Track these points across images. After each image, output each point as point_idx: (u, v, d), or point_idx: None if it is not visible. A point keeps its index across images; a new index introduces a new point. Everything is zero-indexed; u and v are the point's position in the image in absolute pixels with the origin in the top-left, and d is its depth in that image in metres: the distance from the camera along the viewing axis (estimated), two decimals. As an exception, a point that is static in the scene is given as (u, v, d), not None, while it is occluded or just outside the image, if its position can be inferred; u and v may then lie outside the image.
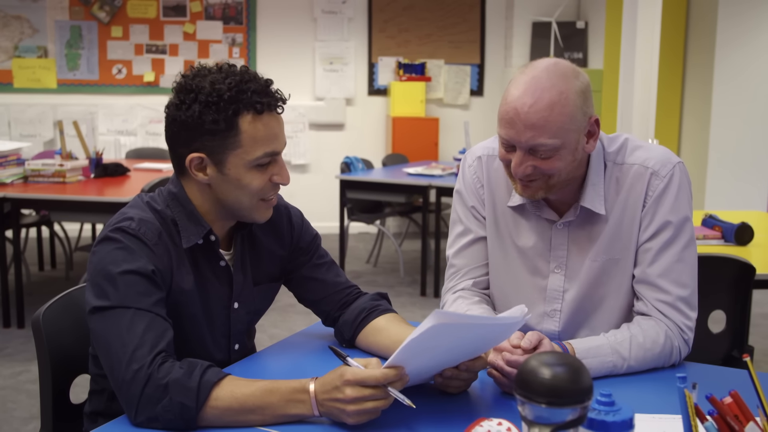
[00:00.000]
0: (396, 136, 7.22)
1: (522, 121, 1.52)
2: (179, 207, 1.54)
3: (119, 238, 1.45)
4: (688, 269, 1.66)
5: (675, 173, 1.66)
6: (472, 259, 1.83)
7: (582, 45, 7.43)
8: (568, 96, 1.53)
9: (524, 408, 0.97)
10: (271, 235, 1.70)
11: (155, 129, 7.30)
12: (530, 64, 1.60)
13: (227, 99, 1.44)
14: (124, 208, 1.54)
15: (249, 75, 1.49)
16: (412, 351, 1.28)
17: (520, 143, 1.55)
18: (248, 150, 1.47)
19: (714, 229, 3.06)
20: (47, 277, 5.74)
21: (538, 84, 1.53)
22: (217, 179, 1.50)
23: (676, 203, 1.65)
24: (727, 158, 6.12)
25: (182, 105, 1.47)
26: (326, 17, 7.50)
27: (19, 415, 3.33)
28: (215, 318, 1.61)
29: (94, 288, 1.42)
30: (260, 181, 1.50)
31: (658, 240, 1.66)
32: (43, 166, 4.56)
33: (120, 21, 7.23)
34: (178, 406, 1.29)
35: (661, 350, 1.61)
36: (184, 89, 1.47)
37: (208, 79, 1.46)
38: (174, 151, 1.54)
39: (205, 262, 1.57)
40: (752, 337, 4.03)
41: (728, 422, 1.01)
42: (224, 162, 1.48)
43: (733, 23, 6.01)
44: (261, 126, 1.47)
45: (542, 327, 1.77)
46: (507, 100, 1.56)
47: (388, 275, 5.97)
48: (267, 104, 1.48)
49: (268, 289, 1.73)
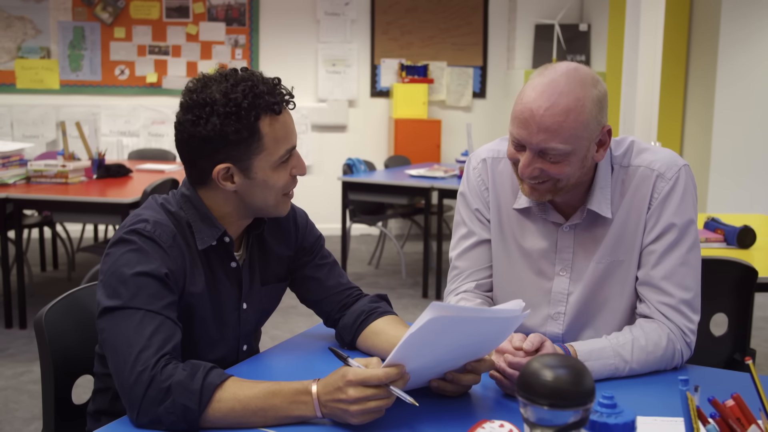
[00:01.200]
0: (398, 137, 7.22)
1: (536, 123, 1.52)
2: (192, 209, 1.55)
3: (134, 239, 1.45)
4: (692, 272, 1.66)
5: (681, 176, 1.66)
6: (475, 262, 1.83)
7: (585, 47, 7.42)
8: (584, 104, 1.52)
9: (526, 410, 0.97)
10: (278, 236, 1.72)
11: (158, 130, 7.31)
12: (551, 66, 1.59)
13: (246, 107, 1.45)
14: (138, 209, 1.55)
15: (257, 78, 1.50)
16: (411, 347, 1.27)
17: (531, 144, 1.55)
18: (271, 151, 1.49)
19: (716, 232, 3.06)
20: (49, 277, 5.74)
21: (556, 88, 1.52)
22: (245, 185, 1.52)
23: (681, 205, 1.65)
24: (730, 161, 6.12)
25: (199, 120, 1.46)
26: (329, 19, 7.51)
27: (22, 415, 3.34)
28: (226, 319, 1.61)
29: (107, 288, 1.43)
30: (284, 177, 1.54)
31: (662, 242, 1.65)
32: (46, 167, 4.56)
33: (123, 22, 7.24)
34: (181, 408, 1.29)
35: (663, 353, 1.61)
36: (196, 105, 1.46)
37: (218, 90, 1.46)
38: (193, 165, 1.53)
39: (217, 263, 1.58)
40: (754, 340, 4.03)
41: (730, 425, 1.01)
42: (251, 168, 1.50)
43: (735, 26, 6.01)
44: (279, 126, 1.50)
45: (546, 329, 1.77)
46: (523, 101, 1.55)
47: (390, 277, 5.97)
48: (280, 103, 1.50)
49: (275, 289, 1.74)
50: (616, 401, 0.98)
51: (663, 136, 6.40)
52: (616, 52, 6.55)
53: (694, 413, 0.98)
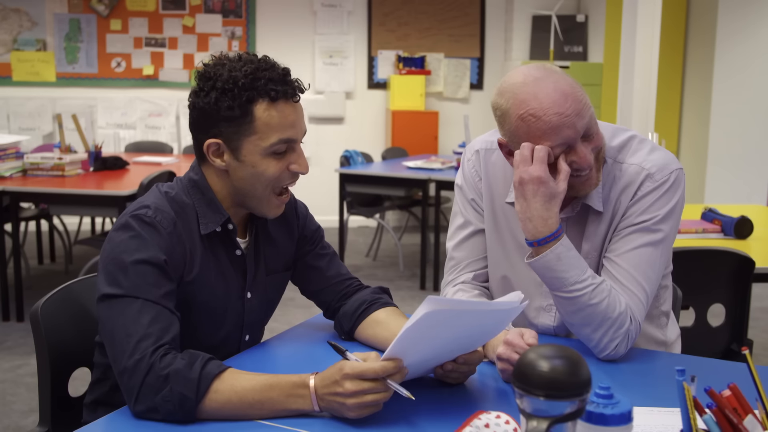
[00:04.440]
0: (395, 129, 7.22)
1: (569, 116, 1.53)
2: (199, 194, 1.56)
3: (134, 225, 1.46)
4: (650, 267, 1.64)
5: (671, 178, 1.65)
6: (472, 252, 1.83)
7: (582, 39, 7.41)
8: (571, 80, 1.57)
9: (522, 401, 0.96)
10: (282, 225, 1.72)
11: (154, 122, 7.29)
12: (526, 74, 1.57)
13: (242, 86, 1.47)
14: (141, 197, 1.56)
15: (267, 63, 1.52)
16: (408, 341, 1.27)
17: (578, 135, 1.55)
18: (262, 137, 1.49)
19: (713, 223, 3.06)
20: (46, 270, 5.74)
21: (549, 83, 1.54)
22: (234, 165, 1.53)
23: (660, 200, 1.64)
24: (727, 152, 6.12)
25: (201, 92, 1.50)
26: (326, 10, 7.49)
27: (19, 408, 3.34)
28: (229, 307, 1.62)
29: (106, 275, 1.43)
30: (276, 168, 1.52)
31: (635, 227, 1.65)
32: (42, 160, 4.55)
33: (119, 14, 7.21)
34: (178, 397, 1.29)
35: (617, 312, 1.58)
36: (204, 76, 1.51)
37: (227, 67, 1.50)
38: (195, 137, 1.57)
39: (221, 250, 1.59)
40: (751, 330, 4.04)
41: (727, 415, 1.01)
42: (239, 148, 1.51)
43: (733, 18, 6.00)
44: (275, 113, 1.49)
45: (539, 321, 1.77)
46: (541, 112, 1.53)
47: (388, 269, 5.97)
48: (282, 92, 1.50)
49: (280, 278, 1.74)
50: (613, 392, 0.98)
51: (660, 128, 6.39)
52: (614, 44, 6.54)
53: (690, 403, 0.98)
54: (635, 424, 1.00)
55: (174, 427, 1.29)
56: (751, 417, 1.04)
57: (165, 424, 1.30)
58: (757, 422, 1.04)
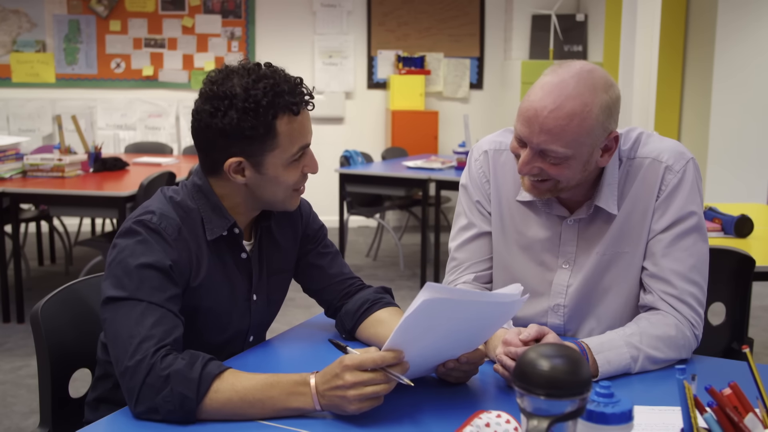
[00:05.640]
0: (395, 129, 7.21)
1: (539, 124, 1.50)
2: (204, 199, 1.56)
3: (140, 230, 1.46)
4: (699, 265, 1.65)
5: (688, 168, 1.65)
6: (475, 254, 1.83)
7: (581, 38, 7.41)
8: (591, 109, 1.50)
9: (523, 400, 0.96)
10: (285, 226, 1.73)
11: (154, 123, 7.29)
12: (565, 64, 1.55)
13: (265, 105, 1.45)
14: (147, 201, 1.56)
15: (280, 76, 1.49)
16: (408, 331, 1.27)
17: (531, 143, 1.54)
18: (285, 149, 1.50)
19: (714, 222, 3.06)
20: (47, 271, 5.74)
21: (564, 90, 1.50)
22: (255, 179, 1.53)
23: (689, 198, 1.64)
24: (727, 151, 6.11)
25: (217, 112, 1.46)
26: (325, 11, 7.49)
27: (19, 409, 3.34)
28: (235, 310, 1.62)
29: (111, 278, 1.44)
30: (295, 175, 1.55)
31: (670, 233, 1.64)
32: (42, 161, 4.55)
33: (118, 15, 7.21)
34: (179, 397, 1.29)
35: (675, 339, 1.58)
36: (216, 96, 1.46)
37: (239, 84, 1.46)
38: (207, 155, 1.54)
39: (227, 254, 1.59)
40: (752, 329, 4.03)
41: (727, 414, 1.01)
42: (263, 163, 1.51)
43: (733, 17, 5.99)
44: (296, 125, 1.50)
45: (547, 321, 1.77)
46: (530, 98, 1.53)
47: (388, 269, 5.97)
48: (302, 103, 1.50)
49: (283, 279, 1.75)
50: (613, 391, 0.98)
51: (660, 127, 6.39)
52: (613, 43, 6.53)
53: (691, 402, 0.98)
54: (636, 423, 1.00)
55: (174, 427, 1.29)
56: (752, 415, 1.04)
57: (165, 424, 1.30)
58: (758, 421, 1.04)
